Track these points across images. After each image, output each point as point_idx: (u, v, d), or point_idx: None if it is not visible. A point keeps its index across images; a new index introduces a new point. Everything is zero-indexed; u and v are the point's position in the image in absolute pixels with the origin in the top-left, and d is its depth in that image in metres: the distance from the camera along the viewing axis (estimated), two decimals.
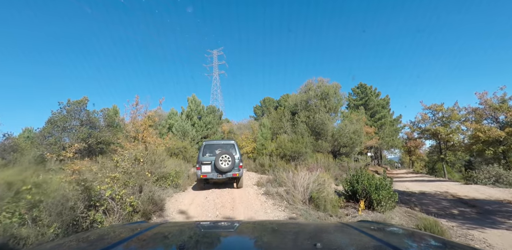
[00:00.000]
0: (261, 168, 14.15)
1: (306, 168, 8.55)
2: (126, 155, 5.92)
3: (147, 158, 6.08)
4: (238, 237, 1.27)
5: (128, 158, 5.83)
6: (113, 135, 12.99)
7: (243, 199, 6.61)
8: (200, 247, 1.02)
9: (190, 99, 24.00)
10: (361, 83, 33.00)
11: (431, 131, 22.00)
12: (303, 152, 13.74)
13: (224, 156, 7.46)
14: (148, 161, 6.10)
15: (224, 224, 1.78)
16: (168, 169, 6.77)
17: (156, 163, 6.14)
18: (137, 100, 15.85)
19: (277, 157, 13.85)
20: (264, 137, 16.56)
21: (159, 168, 6.09)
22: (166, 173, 6.55)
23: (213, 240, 1.18)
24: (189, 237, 1.19)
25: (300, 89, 18.25)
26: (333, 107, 16.28)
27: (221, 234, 1.32)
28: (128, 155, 5.91)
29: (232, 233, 1.35)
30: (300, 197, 5.84)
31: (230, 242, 1.17)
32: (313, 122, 15.90)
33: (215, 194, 7.36)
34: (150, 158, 6.11)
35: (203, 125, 22.84)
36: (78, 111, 11.27)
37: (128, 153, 5.93)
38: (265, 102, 46.25)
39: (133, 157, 5.80)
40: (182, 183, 8.29)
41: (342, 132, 15.54)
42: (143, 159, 5.94)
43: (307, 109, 16.77)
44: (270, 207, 5.82)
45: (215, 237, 1.26)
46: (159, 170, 6.07)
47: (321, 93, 16.59)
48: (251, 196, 7.17)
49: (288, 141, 14.41)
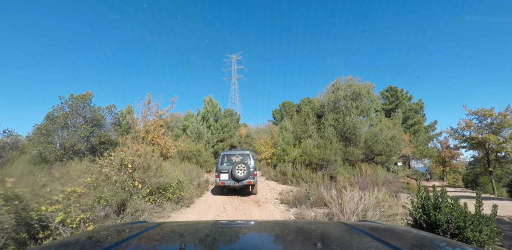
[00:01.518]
0: (282, 177, 12.32)
1: (347, 182, 6.65)
2: (112, 159, 4.42)
3: (138, 163, 4.56)
4: (238, 237, 1.24)
5: (114, 163, 4.33)
6: (120, 134, 11.79)
7: None
8: (200, 247, 1.03)
9: (207, 100, 22.75)
10: (391, 86, 30.29)
11: (477, 140, 19.09)
12: (332, 159, 11.77)
13: (240, 165, 8.26)
14: (139, 167, 4.57)
15: (225, 224, 1.59)
16: (168, 178, 5.23)
17: (150, 169, 4.62)
18: (149, 99, 14.63)
19: (301, 165, 11.98)
20: (286, 142, 14.74)
21: (155, 177, 4.56)
22: (165, 183, 5.01)
23: (214, 240, 1.16)
24: (190, 237, 1.19)
25: (327, 89, 16.34)
26: (365, 110, 14.18)
27: (221, 234, 1.28)
28: (115, 158, 4.40)
29: (232, 233, 1.32)
30: None
31: (230, 241, 1.15)
32: (342, 126, 13.89)
33: (229, 212, 5.68)
34: (142, 163, 4.58)
35: (219, 127, 21.41)
36: (81, 107, 10.12)
37: (115, 156, 4.42)
38: (284, 106, 44.53)
39: (118, 161, 4.28)
40: (188, 194, 6.69)
41: (377, 138, 13.38)
42: (133, 164, 4.41)
43: (336, 112, 14.78)
44: None
45: (215, 236, 1.23)
46: (154, 179, 4.54)
47: (352, 93, 14.58)
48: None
49: (314, 147, 12.50)
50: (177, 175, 7.75)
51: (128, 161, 4.30)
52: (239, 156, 9.18)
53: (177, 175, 7.75)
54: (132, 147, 13.48)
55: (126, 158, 4.31)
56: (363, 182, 5.58)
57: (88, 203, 3.01)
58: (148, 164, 4.62)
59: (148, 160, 4.70)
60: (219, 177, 8.46)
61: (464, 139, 20.83)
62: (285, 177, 12.19)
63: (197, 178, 11.60)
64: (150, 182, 4.50)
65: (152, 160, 4.86)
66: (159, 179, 4.67)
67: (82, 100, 10.21)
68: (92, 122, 10.46)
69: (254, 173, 8.56)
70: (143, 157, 4.68)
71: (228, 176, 8.40)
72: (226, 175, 8.44)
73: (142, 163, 4.51)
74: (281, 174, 12.60)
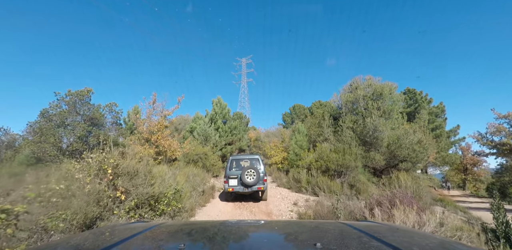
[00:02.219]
0: (296, 184, 11.16)
1: (378, 195, 5.46)
2: (91, 161, 3.46)
3: (123, 168, 3.58)
4: (237, 237, 1.21)
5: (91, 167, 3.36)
6: (121, 135, 10.97)
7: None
8: (200, 247, 1.02)
9: (215, 101, 21.87)
10: (409, 88, 28.65)
11: (509, 146, 17.37)
12: (352, 166, 10.55)
13: (250, 170, 7.94)
14: (124, 172, 3.58)
15: (224, 224, 1.54)
16: (163, 186, 4.22)
17: (138, 176, 3.63)
18: (154, 98, 13.81)
19: (317, 171, 10.80)
20: (299, 145, 13.59)
21: (143, 186, 3.55)
22: (158, 192, 4.00)
23: (213, 240, 1.14)
24: (189, 237, 1.18)
25: (343, 89, 15.15)
26: (387, 111, 12.91)
27: (220, 234, 1.25)
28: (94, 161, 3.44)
29: (231, 233, 1.30)
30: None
31: (229, 241, 1.13)
32: (362, 129, 12.65)
33: None
34: (127, 168, 3.59)
35: (228, 130, 20.46)
36: (79, 105, 9.35)
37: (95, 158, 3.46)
38: (295, 109, 43.35)
39: (96, 165, 3.31)
40: (189, 205, 5.66)
41: (402, 142, 12.06)
42: (115, 169, 3.43)
43: (354, 113, 13.57)
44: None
45: (215, 236, 1.21)
46: (142, 189, 3.54)
47: (372, 93, 13.35)
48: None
49: (331, 151, 11.31)
50: (178, 181, 6.76)
51: (108, 165, 3.33)
52: (248, 161, 8.86)
53: (178, 181, 6.76)
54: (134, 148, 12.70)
55: (106, 160, 3.35)
56: (404, 196, 4.39)
57: (28, 227, 2.05)
58: (135, 169, 3.64)
59: (135, 163, 3.70)
60: (227, 182, 8.13)
61: (494, 144, 19.11)
62: (299, 184, 11.03)
63: (202, 183, 10.60)
64: (137, 192, 3.50)
65: (141, 164, 3.86)
66: (149, 188, 3.66)
67: (80, 97, 9.44)
68: (91, 121, 9.66)
69: (264, 178, 8.25)
70: (129, 160, 3.69)
71: (237, 182, 8.08)
72: (235, 181, 8.11)
73: (127, 168, 3.54)
74: (294, 181, 11.44)
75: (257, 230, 1.40)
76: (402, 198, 4.22)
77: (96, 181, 3.22)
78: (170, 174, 7.39)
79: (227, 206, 8.01)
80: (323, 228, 1.37)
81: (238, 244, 1.10)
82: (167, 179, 5.39)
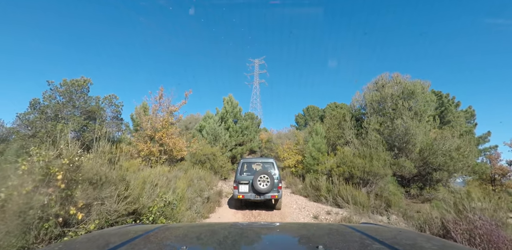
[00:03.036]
0: (314, 192, 9.80)
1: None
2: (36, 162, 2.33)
3: (84, 172, 2.44)
4: (239, 239, 1.20)
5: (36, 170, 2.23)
6: (120, 130, 9.99)
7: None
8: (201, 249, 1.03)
9: (226, 99, 20.78)
10: (434, 91, 26.57)
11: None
12: (381, 173, 9.10)
13: (263, 176, 7.06)
14: (84, 179, 2.43)
15: (227, 226, 1.56)
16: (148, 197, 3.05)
17: (106, 184, 2.47)
18: (161, 93, 12.82)
19: (339, 178, 9.42)
20: (317, 148, 12.22)
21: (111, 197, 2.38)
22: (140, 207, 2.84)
23: (215, 242, 1.13)
24: (191, 239, 1.18)
25: (367, 87, 13.67)
26: (420, 112, 11.36)
27: (223, 236, 1.23)
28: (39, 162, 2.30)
29: (234, 235, 1.27)
30: None
31: (231, 243, 1.12)
32: (390, 132, 11.15)
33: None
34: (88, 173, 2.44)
35: (239, 129, 19.29)
36: (75, 96, 8.42)
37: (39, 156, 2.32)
38: (308, 111, 41.79)
39: (40, 167, 2.18)
40: (187, 217, 4.48)
41: (438, 147, 10.49)
42: (73, 174, 2.29)
43: (380, 114, 12.08)
44: None
45: (217, 239, 1.18)
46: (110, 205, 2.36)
47: (402, 91, 11.83)
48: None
49: (356, 156, 9.90)
50: (176, 187, 5.60)
51: (60, 167, 2.21)
52: (261, 164, 8.12)
53: (176, 187, 5.60)
54: (138, 146, 11.69)
55: (54, 161, 2.22)
56: (490, 229, 2.97)
57: None
58: (103, 175, 2.50)
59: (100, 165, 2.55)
60: (237, 188, 7.19)
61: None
62: (317, 192, 9.67)
63: (208, 188, 9.43)
64: (101, 209, 2.36)
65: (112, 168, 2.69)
66: (121, 204, 2.49)
67: (77, 88, 8.51)
68: (87, 115, 8.71)
69: (279, 185, 7.26)
70: (94, 160, 2.56)
71: (248, 188, 7.15)
72: (246, 187, 7.17)
73: (89, 172, 2.40)
74: (312, 189, 10.08)
75: (258, 232, 1.36)
76: (489, 232, 2.81)
77: (38, 191, 2.10)
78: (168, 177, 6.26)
79: (235, 217, 6.79)
80: (325, 231, 1.36)
81: (240, 246, 1.07)
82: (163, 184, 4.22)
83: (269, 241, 1.19)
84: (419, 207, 9.45)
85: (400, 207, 8.58)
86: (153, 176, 4.82)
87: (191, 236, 1.23)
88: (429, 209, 9.18)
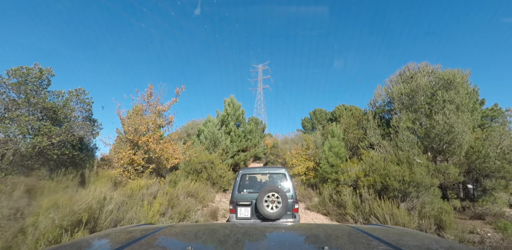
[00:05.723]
0: (337, 210, 7.62)
1: None
2: None
3: None
4: (245, 240, 1.19)
5: None
6: (91, 134, 8.08)
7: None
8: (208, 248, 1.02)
9: (228, 101, 18.83)
10: None
11: None
12: (426, 184, 6.92)
13: (272, 194, 4.78)
14: None
15: (234, 227, 1.57)
16: None
17: None
18: (150, 92, 11.05)
19: (368, 191, 7.26)
20: (335, 153, 10.09)
21: None
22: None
23: (222, 243, 1.11)
24: (198, 240, 1.17)
25: (391, 80, 11.59)
26: (463, 105, 9.20)
27: (228, 237, 1.24)
28: None
29: (239, 236, 1.26)
30: None
31: (237, 244, 1.10)
32: (426, 130, 9.00)
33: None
34: None
35: (242, 134, 17.25)
36: (28, 90, 6.55)
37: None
38: (315, 114, 39.77)
39: None
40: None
41: (490, 149, 8.28)
42: None
43: (412, 109, 9.94)
44: None
45: (224, 239, 1.18)
46: None
47: (439, 81, 9.73)
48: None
49: (389, 162, 7.75)
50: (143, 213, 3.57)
51: None
52: (267, 175, 5.62)
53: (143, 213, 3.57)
54: (119, 155, 9.72)
55: None
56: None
57: None
58: None
59: None
60: (235, 212, 4.99)
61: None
62: (341, 209, 7.49)
63: (201, 206, 7.34)
64: None
65: None
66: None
67: (31, 79, 6.66)
68: (44, 113, 6.81)
69: (295, 206, 4.98)
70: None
71: (250, 212, 4.95)
72: (247, 210, 4.98)
73: None
74: (333, 204, 7.91)
75: (264, 233, 1.34)
76: None
77: None
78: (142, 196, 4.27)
79: None
80: (331, 232, 1.35)
81: (245, 247, 1.06)
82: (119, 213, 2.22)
83: (274, 242, 1.18)
84: (469, 226, 7.21)
85: (455, 229, 6.36)
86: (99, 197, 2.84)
87: (197, 236, 1.21)
88: (491, 229, 6.97)
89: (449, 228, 6.20)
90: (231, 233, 1.29)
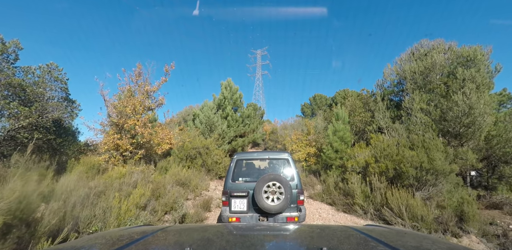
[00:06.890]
0: (343, 199, 6.91)
1: None
2: None
3: None
4: (243, 241, 1.16)
5: None
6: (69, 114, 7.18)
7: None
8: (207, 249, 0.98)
9: (224, 84, 17.71)
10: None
11: None
12: (445, 171, 6.16)
13: (272, 183, 3.92)
14: None
15: (232, 227, 1.50)
16: None
17: None
18: (139, 71, 9.98)
19: (380, 178, 6.51)
20: (340, 137, 9.28)
21: None
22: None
23: (219, 244, 1.09)
24: (195, 242, 1.12)
25: (401, 59, 10.57)
26: (483, 85, 8.30)
27: (226, 238, 1.22)
28: None
29: (237, 237, 1.24)
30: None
31: (235, 245, 1.08)
32: (442, 112, 8.15)
33: None
34: None
35: (239, 119, 16.33)
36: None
37: None
38: (315, 100, 38.75)
39: None
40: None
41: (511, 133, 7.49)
42: None
43: (426, 90, 9.02)
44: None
45: (221, 241, 1.16)
46: None
47: (457, 58, 8.74)
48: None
49: (402, 146, 6.95)
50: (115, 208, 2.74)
51: None
52: (267, 161, 4.63)
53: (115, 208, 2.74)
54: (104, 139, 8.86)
55: None
56: None
57: None
58: None
59: None
60: (228, 204, 4.06)
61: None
62: (348, 198, 6.78)
63: (194, 195, 6.59)
64: None
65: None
66: None
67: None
68: (11, 91, 5.85)
69: (300, 198, 4.08)
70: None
71: (246, 204, 4.04)
72: (242, 202, 4.05)
73: None
74: (339, 193, 7.20)
75: (263, 234, 1.34)
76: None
77: None
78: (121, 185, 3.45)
79: None
80: (329, 233, 1.34)
81: (243, 248, 1.04)
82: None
83: (273, 243, 1.17)
84: (487, 216, 6.55)
85: (478, 221, 5.68)
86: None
87: (195, 237, 1.19)
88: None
89: (472, 220, 5.51)
90: (229, 234, 1.27)
